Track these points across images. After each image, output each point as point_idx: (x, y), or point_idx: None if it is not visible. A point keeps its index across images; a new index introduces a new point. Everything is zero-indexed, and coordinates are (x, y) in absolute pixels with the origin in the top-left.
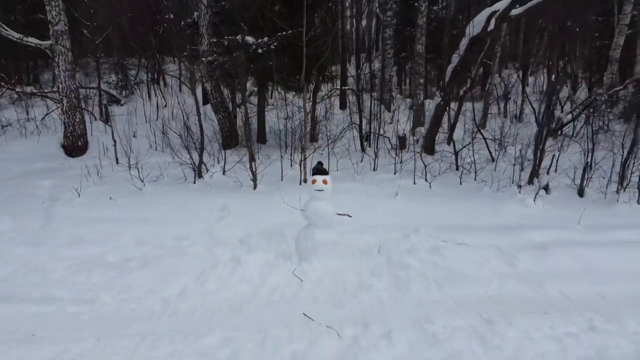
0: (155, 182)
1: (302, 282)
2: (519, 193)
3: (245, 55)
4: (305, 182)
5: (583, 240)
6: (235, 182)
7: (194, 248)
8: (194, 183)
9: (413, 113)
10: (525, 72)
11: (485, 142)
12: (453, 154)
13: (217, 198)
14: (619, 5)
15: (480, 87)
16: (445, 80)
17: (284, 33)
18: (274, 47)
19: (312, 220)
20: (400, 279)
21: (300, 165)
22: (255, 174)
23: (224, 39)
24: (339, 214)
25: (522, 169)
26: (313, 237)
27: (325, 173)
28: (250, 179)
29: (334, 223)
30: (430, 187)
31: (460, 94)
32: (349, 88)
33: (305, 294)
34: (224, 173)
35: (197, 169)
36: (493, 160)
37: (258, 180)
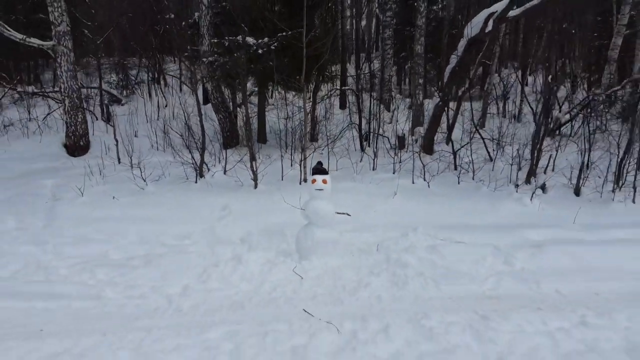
0: (158, 181)
1: (302, 279)
2: (516, 192)
3: (246, 56)
4: (305, 181)
5: (578, 239)
6: (236, 181)
7: (196, 247)
8: (196, 182)
9: (412, 113)
10: (525, 72)
11: (484, 142)
12: (451, 154)
13: (218, 197)
14: (618, 6)
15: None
16: (444, 81)
17: (284, 34)
18: (274, 47)
19: (312, 219)
20: (398, 277)
21: (300, 165)
22: (256, 174)
23: (225, 40)
24: (339, 213)
25: (519, 169)
26: (313, 235)
27: (325, 173)
28: (251, 179)
29: (334, 222)
30: (429, 186)
31: (459, 94)
32: (349, 88)
33: (305, 291)
34: (225, 173)
35: (198, 169)
36: (491, 160)
37: (259, 180)
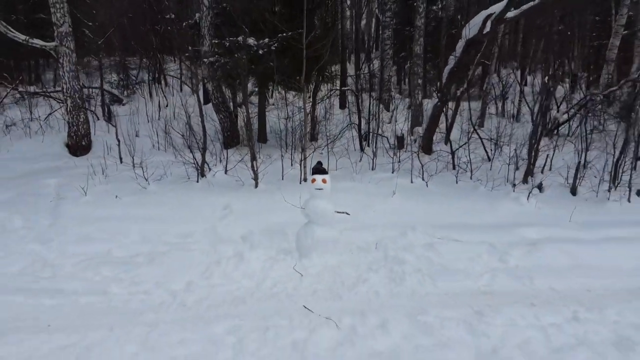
0: (159, 181)
1: (302, 276)
2: (514, 192)
3: (247, 57)
4: (305, 181)
5: (573, 237)
6: (237, 181)
7: (198, 245)
8: (197, 182)
9: (411, 113)
10: (524, 72)
11: (482, 141)
12: (450, 154)
13: (219, 197)
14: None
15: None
16: (442, 82)
17: (284, 34)
18: (275, 48)
19: (312, 218)
20: (396, 274)
21: (301, 165)
22: (257, 173)
23: (226, 40)
24: (338, 212)
25: (517, 168)
26: (313, 234)
27: (325, 172)
28: (252, 178)
29: (333, 221)
30: (427, 186)
31: (457, 95)
32: (349, 88)
33: (306, 288)
34: (226, 172)
35: (199, 169)
36: (489, 160)
37: (259, 179)
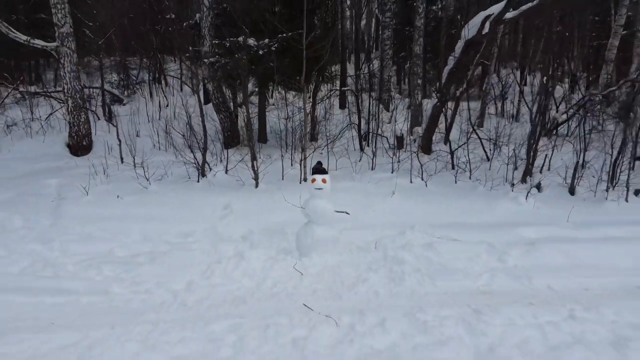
0: (160, 180)
1: (302, 276)
2: (512, 191)
3: (247, 57)
4: (305, 181)
5: (571, 237)
6: (238, 181)
7: (199, 244)
8: (198, 182)
9: (411, 113)
10: (523, 72)
11: (481, 141)
12: (449, 154)
13: (220, 197)
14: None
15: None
16: (442, 82)
17: (284, 35)
18: (275, 48)
19: (312, 218)
20: (395, 273)
21: (301, 165)
22: (257, 173)
23: (226, 41)
24: (338, 212)
25: (515, 168)
26: (313, 234)
27: (325, 172)
28: (252, 178)
29: (333, 220)
30: (427, 185)
31: (457, 95)
32: (349, 89)
33: (306, 287)
34: (227, 172)
35: (200, 168)
36: (488, 160)
37: (260, 179)
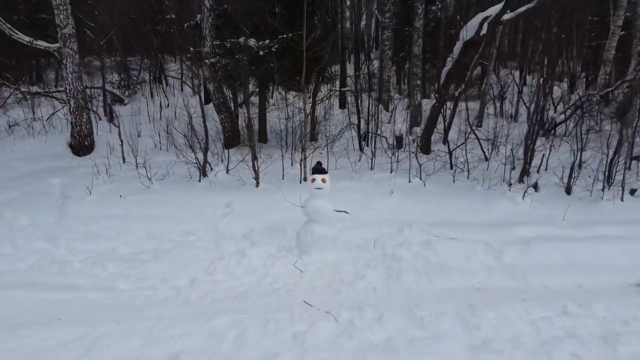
0: (162, 180)
1: (302, 273)
2: (509, 191)
3: (248, 58)
4: (305, 180)
5: (566, 236)
6: (239, 180)
7: (201, 242)
8: (199, 182)
9: (410, 113)
10: (522, 72)
11: (479, 142)
12: (447, 154)
13: (221, 196)
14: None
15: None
16: (440, 83)
17: (285, 36)
18: (275, 49)
19: (311, 217)
20: (393, 270)
21: (301, 165)
22: (258, 173)
23: (227, 42)
24: (337, 211)
25: (513, 168)
26: (313, 232)
27: (324, 172)
28: (253, 178)
29: (333, 219)
30: (425, 185)
31: (455, 95)
32: (348, 89)
33: (306, 284)
34: (228, 172)
35: (201, 168)
36: (486, 160)
37: (260, 179)
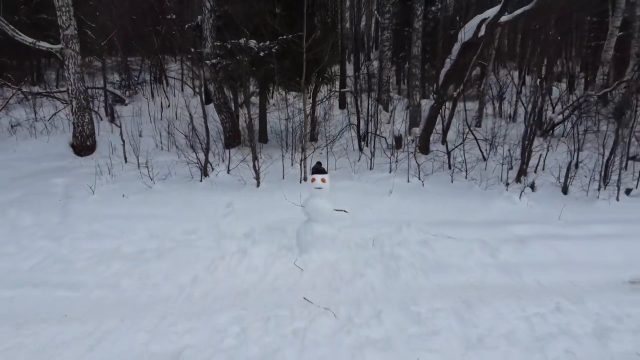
0: (164, 180)
1: (302, 271)
2: (507, 191)
3: (248, 59)
4: (305, 180)
5: (562, 234)
6: (240, 180)
7: (203, 241)
8: (201, 181)
9: (409, 114)
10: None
11: (477, 142)
12: (446, 154)
13: (222, 196)
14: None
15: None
16: (439, 84)
17: (285, 37)
18: (275, 50)
19: (311, 216)
20: (391, 269)
21: (301, 165)
22: (259, 173)
23: (228, 43)
24: (337, 210)
25: (510, 168)
26: (312, 231)
27: (324, 172)
28: (254, 178)
29: (332, 219)
30: (423, 185)
31: (454, 96)
32: (348, 90)
33: (305, 282)
34: (229, 172)
35: (203, 168)
36: (484, 160)
37: (261, 179)
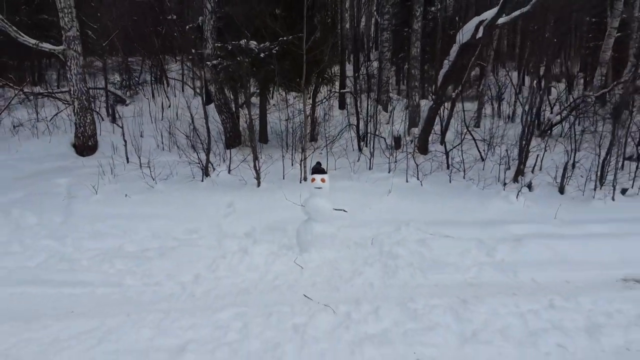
0: (166, 180)
1: (302, 269)
2: (504, 190)
3: (249, 60)
4: (305, 180)
5: (557, 233)
6: (240, 180)
7: (205, 240)
8: (202, 181)
9: (408, 114)
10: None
11: (475, 142)
12: (444, 154)
13: (223, 196)
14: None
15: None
16: (438, 85)
17: (285, 38)
18: (276, 51)
19: (311, 216)
20: (390, 267)
21: (301, 165)
22: (259, 173)
23: (228, 44)
24: (336, 210)
25: (508, 168)
26: (312, 230)
27: (324, 172)
28: (254, 178)
29: (332, 218)
30: (422, 185)
31: (453, 97)
32: (348, 91)
33: (306, 280)
34: (230, 172)
35: (204, 168)
36: (482, 160)
37: (261, 179)
